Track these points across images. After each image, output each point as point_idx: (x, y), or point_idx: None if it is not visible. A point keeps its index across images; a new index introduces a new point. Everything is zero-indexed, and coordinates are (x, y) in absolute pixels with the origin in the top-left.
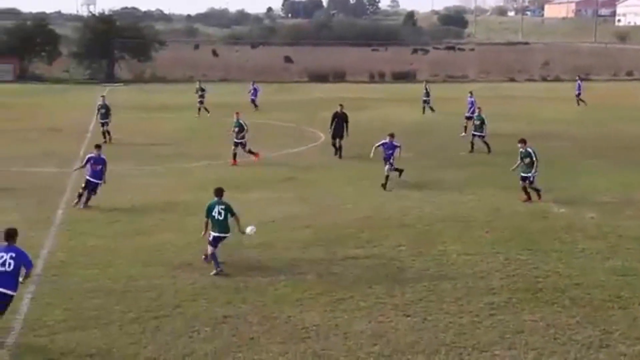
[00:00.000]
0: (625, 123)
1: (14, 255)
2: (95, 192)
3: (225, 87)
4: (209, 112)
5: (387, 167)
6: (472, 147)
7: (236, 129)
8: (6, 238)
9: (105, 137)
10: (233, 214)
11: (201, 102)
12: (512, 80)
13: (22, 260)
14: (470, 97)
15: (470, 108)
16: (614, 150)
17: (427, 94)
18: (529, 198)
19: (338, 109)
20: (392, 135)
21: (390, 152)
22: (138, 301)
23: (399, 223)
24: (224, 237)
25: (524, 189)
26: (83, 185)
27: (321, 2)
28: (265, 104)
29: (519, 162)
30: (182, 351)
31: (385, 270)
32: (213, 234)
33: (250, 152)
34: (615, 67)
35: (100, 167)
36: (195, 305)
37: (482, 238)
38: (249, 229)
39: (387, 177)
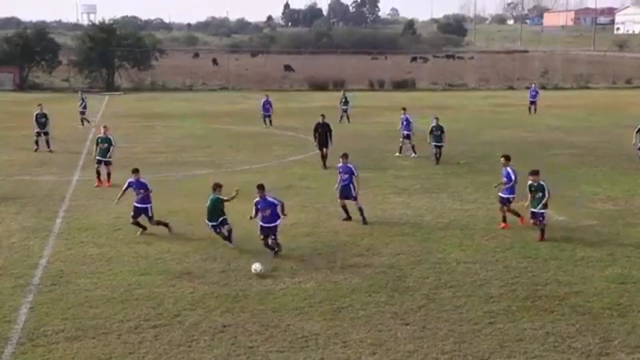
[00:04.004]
0: (624, 130)
1: None
2: (149, 216)
3: (224, 95)
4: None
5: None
6: (437, 159)
7: (105, 146)
8: None
9: (99, 181)
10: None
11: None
12: (511, 88)
13: None
14: (404, 114)
15: (407, 126)
16: (613, 158)
17: (346, 102)
18: (543, 237)
19: (320, 119)
20: (345, 156)
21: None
22: (137, 310)
23: (398, 231)
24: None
25: (541, 229)
26: (132, 213)
27: (321, 11)
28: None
29: (529, 196)
30: None
31: (384, 279)
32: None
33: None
34: (614, 75)
35: (142, 191)
36: (195, 314)
37: (482, 246)
38: (254, 267)
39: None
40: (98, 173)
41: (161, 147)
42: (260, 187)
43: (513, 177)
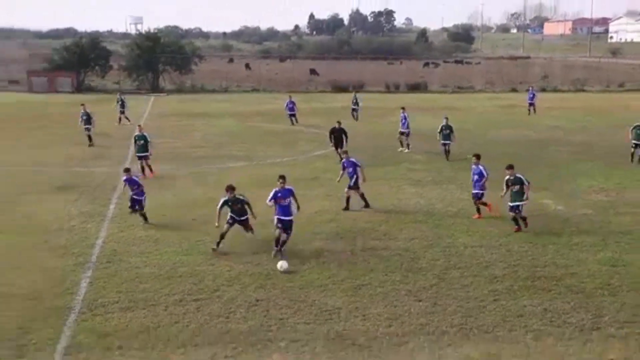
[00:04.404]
0: (617, 130)
1: None
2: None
3: (256, 96)
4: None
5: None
6: (446, 155)
7: (142, 142)
8: None
9: (149, 169)
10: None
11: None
12: (514, 90)
13: None
14: (403, 112)
15: (404, 124)
16: (607, 154)
17: (356, 103)
18: (519, 228)
19: (336, 125)
20: (346, 152)
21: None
22: (181, 285)
23: (412, 219)
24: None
25: (514, 219)
26: (129, 204)
27: (342, 21)
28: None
29: (505, 190)
30: (219, 330)
31: (399, 260)
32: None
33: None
34: (608, 79)
35: (135, 187)
36: (231, 289)
37: (487, 232)
38: (279, 265)
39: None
40: (143, 168)
41: (200, 143)
42: (283, 178)
43: (485, 174)
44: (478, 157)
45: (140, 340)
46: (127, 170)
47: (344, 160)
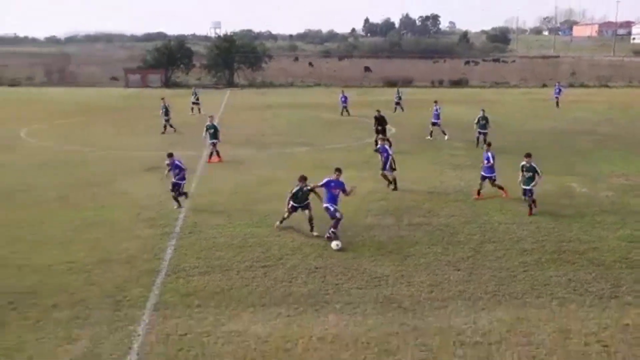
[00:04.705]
0: (638, 122)
1: None
2: (182, 191)
3: (317, 90)
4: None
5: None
6: (478, 142)
7: (212, 131)
8: None
9: (210, 159)
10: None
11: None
12: (545, 86)
13: None
14: (436, 105)
15: (435, 115)
16: (628, 144)
17: (399, 97)
18: (531, 211)
19: (377, 113)
20: (383, 139)
21: (385, 155)
22: (250, 254)
23: (453, 198)
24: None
25: (533, 201)
26: (170, 187)
27: (394, 24)
28: (350, 104)
29: (520, 174)
30: (283, 293)
31: (441, 235)
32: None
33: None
34: (630, 76)
35: (177, 171)
36: (294, 258)
37: (518, 211)
38: (334, 244)
39: (390, 179)
40: (211, 153)
41: (269, 130)
42: (339, 170)
43: (492, 160)
44: (489, 144)
45: (216, 300)
46: (170, 155)
47: (379, 145)
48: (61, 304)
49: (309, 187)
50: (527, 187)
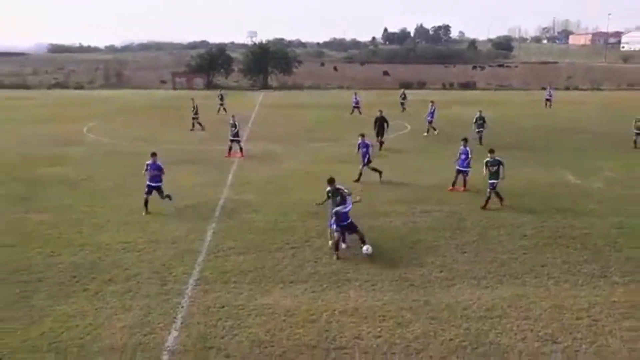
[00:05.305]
0: (627, 121)
1: None
2: (160, 192)
3: (341, 92)
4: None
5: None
6: (480, 140)
7: (233, 129)
8: None
9: (230, 153)
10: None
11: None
12: (544, 89)
13: None
14: (432, 105)
15: (431, 114)
16: (616, 141)
17: (404, 97)
18: (486, 204)
19: (378, 114)
20: (362, 135)
21: (365, 150)
22: (280, 236)
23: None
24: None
25: (496, 194)
26: (146, 190)
27: (409, 34)
28: (370, 104)
29: (486, 170)
30: (309, 271)
31: (449, 221)
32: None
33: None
34: (620, 80)
35: (156, 172)
36: (319, 240)
37: (519, 200)
38: (365, 248)
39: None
40: (230, 148)
41: (298, 127)
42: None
43: (470, 155)
44: (466, 140)
45: (250, 277)
46: (153, 155)
47: (360, 141)
48: (116, 278)
49: (341, 189)
50: (494, 181)
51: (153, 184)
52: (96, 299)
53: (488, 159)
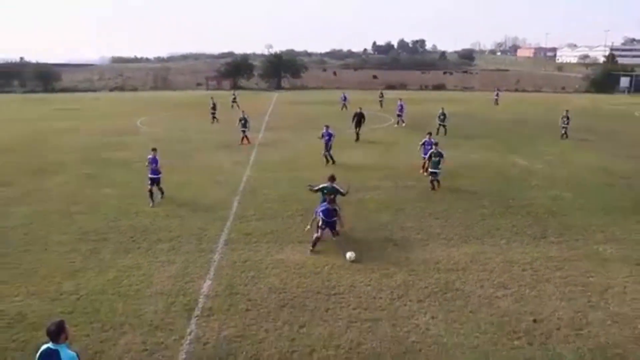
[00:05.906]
0: (558, 116)
1: None
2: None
3: (338, 92)
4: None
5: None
6: (445, 132)
7: (243, 122)
8: None
9: (242, 142)
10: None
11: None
12: (499, 90)
13: None
14: (400, 102)
15: (400, 109)
16: (552, 132)
17: (382, 95)
18: (434, 188)
19: (358, 109)
20: (327, 126)
21: (327, 138)
22: (292, 206)
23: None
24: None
25: (432, 181)
26: (149, 182)
27: (393, 46)
28: (360, 101)
29: (427, 160)
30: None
31: (425, 195)
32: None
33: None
34: (555, 85)
35: (155, 165)
36: None
37: (479, 178)
38: (348, 255)
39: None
40: (242, 138)
41: (302, 119)
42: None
43: (432, 146)
44: (430, 133)
45: (267, 238)
46: (154, 150)
47: (324, 131)
48: (163, 239)
49: (338, 188)
50: (436, 171)
51: (154, 176)
52: (148, 255)
53: (432, 150)
